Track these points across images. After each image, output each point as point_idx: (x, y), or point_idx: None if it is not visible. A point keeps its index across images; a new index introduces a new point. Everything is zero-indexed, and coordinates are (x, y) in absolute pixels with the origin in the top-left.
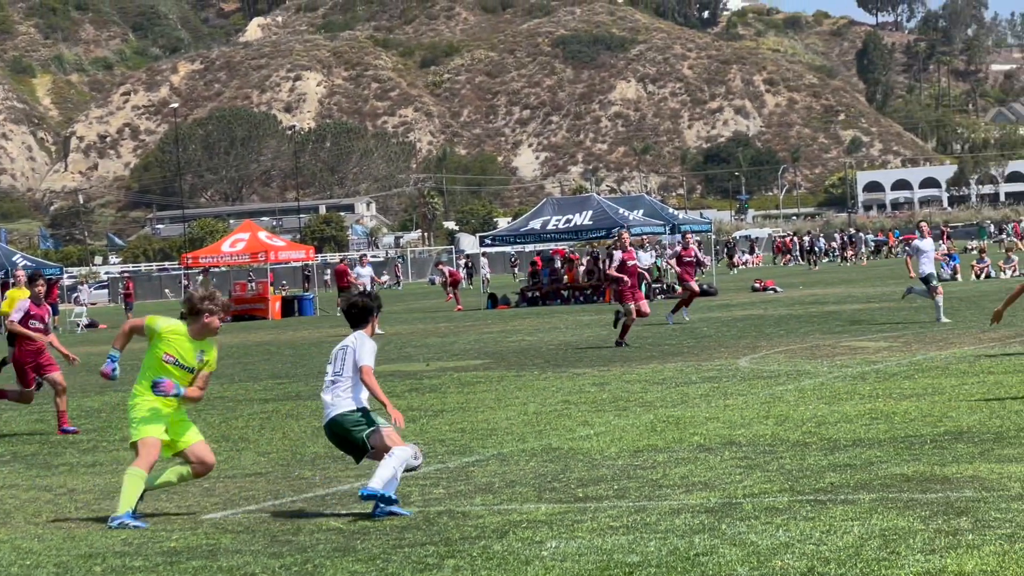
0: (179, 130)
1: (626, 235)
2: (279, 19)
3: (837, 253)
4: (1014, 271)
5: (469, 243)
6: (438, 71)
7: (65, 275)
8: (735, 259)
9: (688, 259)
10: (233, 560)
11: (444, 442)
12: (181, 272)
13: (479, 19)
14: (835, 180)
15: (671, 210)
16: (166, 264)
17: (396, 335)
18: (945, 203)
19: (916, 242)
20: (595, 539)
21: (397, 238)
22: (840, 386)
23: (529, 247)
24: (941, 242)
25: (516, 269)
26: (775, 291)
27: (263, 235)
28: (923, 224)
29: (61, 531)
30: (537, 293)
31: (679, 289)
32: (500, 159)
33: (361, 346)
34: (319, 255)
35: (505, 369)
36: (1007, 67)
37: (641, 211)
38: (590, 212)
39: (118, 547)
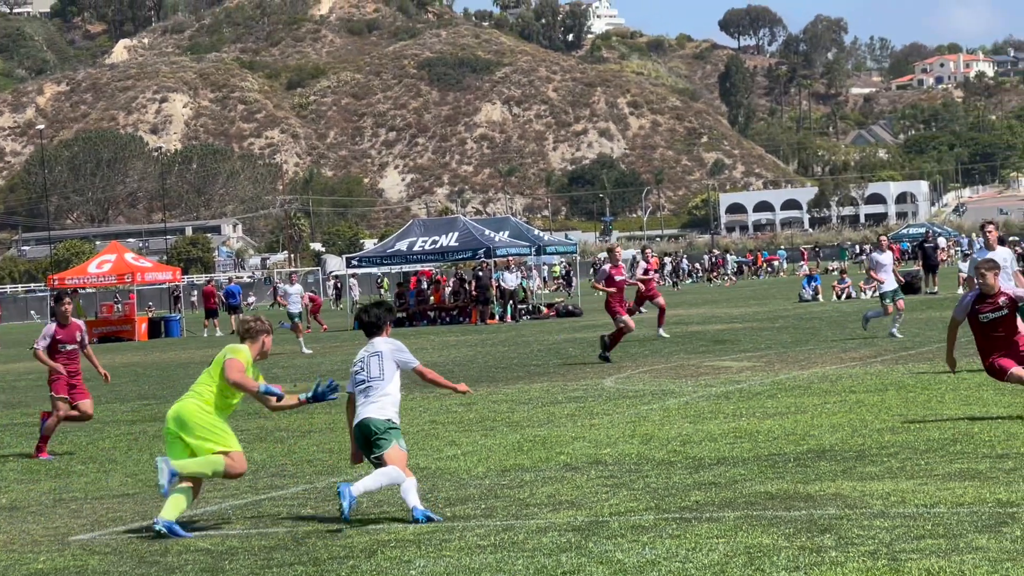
0: (45, 152)
1: (619, 250)
2: (145, 41)
3: (701, 274)
4: (874, 291)
5: (335, 264)
6: (304, 93)
7: None
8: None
9: (648, 278)
10: None
11: (312, 462)
12: (48, 293)
13: (345, 41)
14: (698, 202)
15: (536, 231)
16: (32, 285)
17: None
18: (806, 224)
19: (875, 255)
20: (463, 558)
21: (263, 259)
22: (704, 405)
23: (395, 268)
24: (810, 263)
25: (382, 290)
26: (640, 312)
27: (129, 256)
28: (883, 238)
29: None
30: (404, 314)
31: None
32: (366, 181)
33: (398, 352)
34: (186, 276)
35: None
36: (866, 90)
37: (507, 232)
38: (456, 234)
39: None
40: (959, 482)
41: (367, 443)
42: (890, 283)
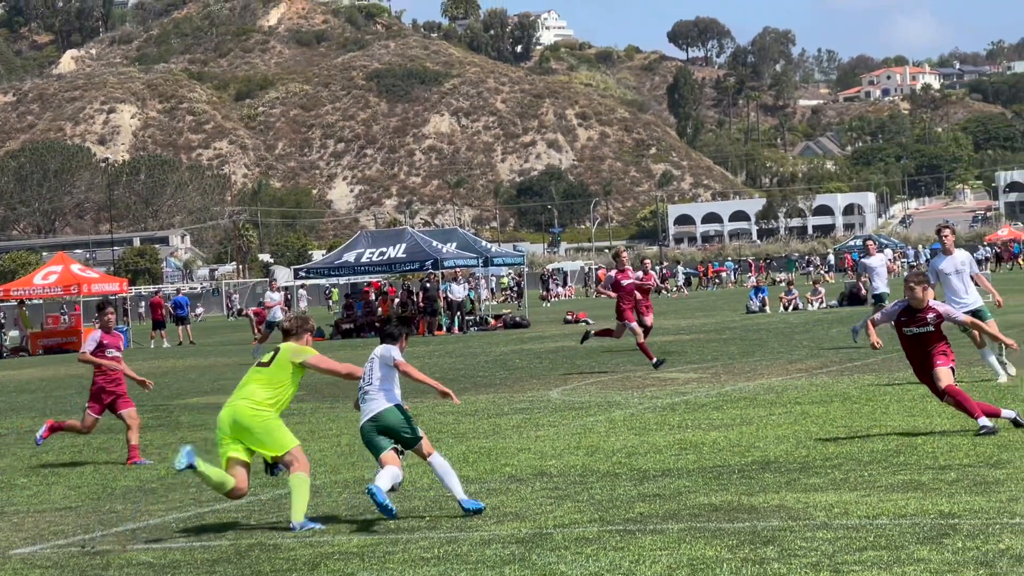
0: None
1: (625, 255)
2: (93, 51)
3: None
4: (821, 303)
5: (284, 276)
6: (253, 104)
7: None
8: (550, 291)
9: (648, 285)
10: None
11: (257, 474)
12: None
13: (294, 52)
14: (646, 213)
15: (484, 243)
16: None
17: (211, 367)
18: (754, 236)
19: (865, 260)
20: (406, 570)
21: (212, 270)
22: (650, 417)
23: (343, 279)
24: (759, 275)
25: (331, 301)
26: (587, 323)
27: (76, 267)
28: (870, 242)
29: None
30: (351, 325)
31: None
32: (315, 192)
33: (388, 351)
34: (133, 287)
35: (318, 401)
36: (814, 102)
37: (454, 244)
38: (404, 245)
39: None
40: (902, 493)
41: (386, 434)
42: (881, 286)
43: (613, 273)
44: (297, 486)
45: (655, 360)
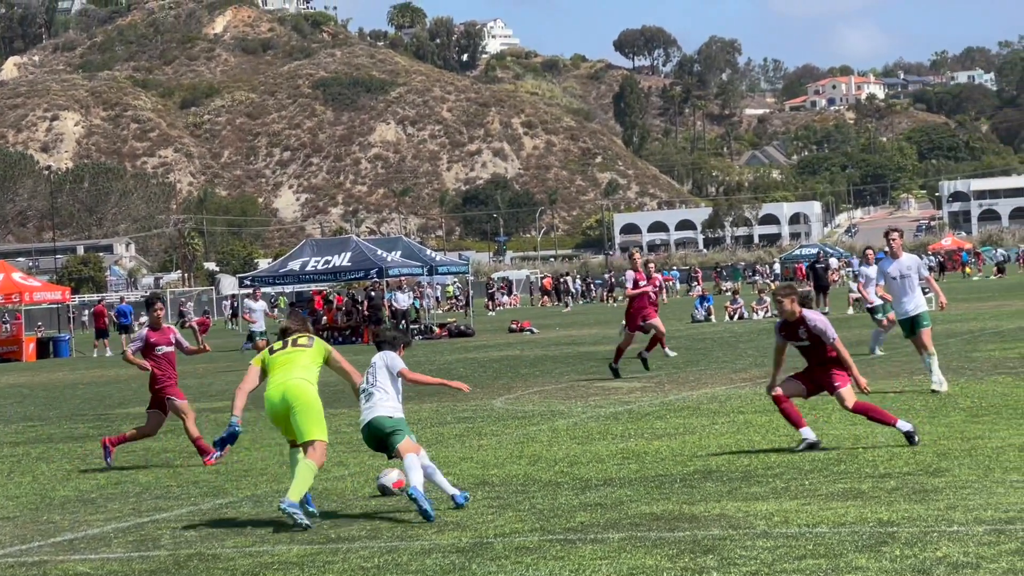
0: None
1: (638, 256)
2: (36, 58)
3: (594, 294)
4: (766, 312)
5: (229, 284)
6: (198, 112)
7: None
8: (496, 300)
9: (654, 293)
10: None
11: (198, 483)
12: None
13: (239, 60)
14: (592, 222)
15: (429, 251)
16: None
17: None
18: (700, 245)
19: (864, 268)
20: None
21: (157, 279)
22: (593, 426)
23: (289, 288)
24: (705, 283)
25: (276, 310)
26: (532, 332)
27: (17, 276)
28: (869, 251)
29: None
30: None
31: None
32: (261, 200)
33: (391, 359)
34: (77, 296)
35: (260, 409)
36: (760, 111)
37: (399, 252)
38: (349, 254)
39: None
40: (841, 502)
41: (379, 442)
42: (876, 299)
43: (632, 275)
44: (304, 471)
45: (616, 367)
